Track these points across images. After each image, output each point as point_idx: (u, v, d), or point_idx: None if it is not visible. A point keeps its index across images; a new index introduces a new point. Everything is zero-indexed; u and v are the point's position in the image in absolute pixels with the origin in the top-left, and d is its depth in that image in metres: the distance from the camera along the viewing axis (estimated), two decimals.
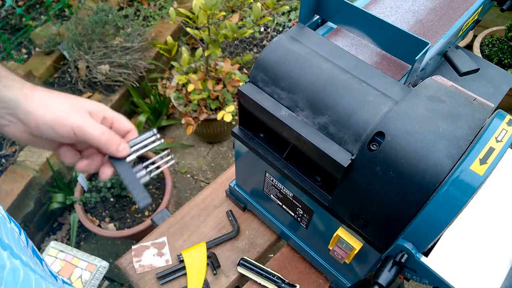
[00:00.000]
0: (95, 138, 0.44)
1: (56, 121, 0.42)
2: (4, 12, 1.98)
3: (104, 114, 0.47)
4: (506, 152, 0.41)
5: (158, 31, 2.08)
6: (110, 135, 0.45)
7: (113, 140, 0.46)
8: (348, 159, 0.47)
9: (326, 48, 0.54)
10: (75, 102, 0.45)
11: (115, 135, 0.46)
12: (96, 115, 0.46)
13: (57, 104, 0.43)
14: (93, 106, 0.47)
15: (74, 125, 0.43)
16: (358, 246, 0.56)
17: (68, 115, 0.43)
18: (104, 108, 0.48)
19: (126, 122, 0.50)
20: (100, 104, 0.48)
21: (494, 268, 0.44)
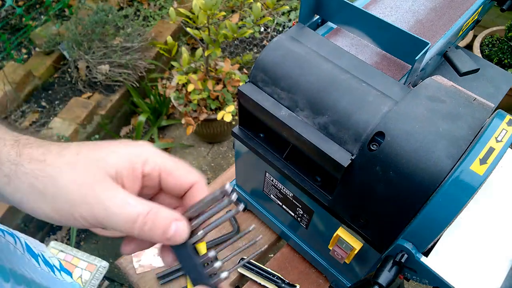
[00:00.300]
0: (122, 230, 0.28)
1: (60, 212, 0.28)
2: (4, 12, 1.98)
3: (144, 168, 0.30)
4: (506, 152, 0.41)
5: (158, 31, 2.08)
6: (146, 226, 0.28)
7: (155, 224, 0.28)
8: (348, 159, 0.47)
9: (326, 48, 0.54)
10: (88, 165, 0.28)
11: (157, 213, 0.29)
12: (128, 175, 0.29)
13: (54, 189, 0.27)
14: (121, 160, 0.29)
15: (86, 216, 0.28)
16: (358, 246, 0.56)
17: (74, 206, 0.27)
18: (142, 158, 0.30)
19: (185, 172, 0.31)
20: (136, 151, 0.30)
21: (494, 268, 0.44)
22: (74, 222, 0.28)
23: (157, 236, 0.29)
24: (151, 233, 0.28)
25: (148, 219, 0.28)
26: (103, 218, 0.27)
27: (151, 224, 0.28)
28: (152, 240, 0.29)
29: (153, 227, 0.28)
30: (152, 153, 0.30)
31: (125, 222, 0.28)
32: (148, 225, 0.28)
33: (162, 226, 0.29)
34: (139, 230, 0.28)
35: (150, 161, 0.30)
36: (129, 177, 0.29)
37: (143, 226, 0.28)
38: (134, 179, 0.30)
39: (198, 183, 0.32)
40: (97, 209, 0.27)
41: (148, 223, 0.28)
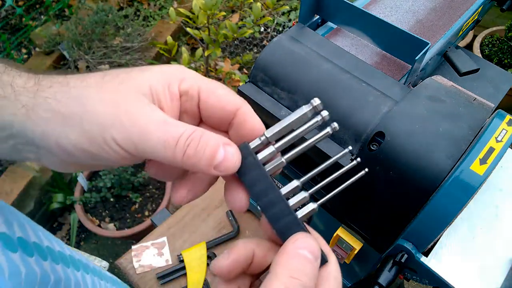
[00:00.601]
0: (163, 158, 0.24)
1: (88, 138, 0.24)
2: (4, 12, 1.98)
3: (182, 85, 0.26)
4: (506, 152, 0.41)
5: (158, 31, 2.08)
6: (189, 149, 0.24)
7: (201, 146, 0.24)
8: (348, 159, 0.47)
9: (326, 48, 0.54)
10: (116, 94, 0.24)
11: (203, 135, 0.24)
12: (165, 93, 0.25)
13: (82, 109, 0.24)
14: (155, 83, 0.25)
15: (119, 139, 0.24)
16: (358, 246, 0.56)
17: (105, 127, 0.23)
18: (179, 76, 0.26)
19: (227, 92, 0.26)
20: (170, 72, 0.26)
21: (494, 268, 0.44)
22: (107, 150, 0.24)
23: (204, 162, 0.24)
24: (196, 158, 0.24)
25: (193, 140, 0.24)
26: (138, 139, 0.23)
27: (196, 145, 0.24)
28: (196, 168, 0.24)
29: (199, 149, 0.24)
30: (189, 72, 0.26)
31: (164, 142, 0.23)
32: (192, 148, 0.23)
33: (209, 149, 0.24)
34: (182, 155, 0.23)
35: (187, 78, 0.26)
36: (165, 95, 0.25)
37: (186, 148, 0.23)
38: (172, 97, 0.25)
39: (243, 108, 0.26)
40: (131, 129, 0.23)
41: (192, 144, 0.23)
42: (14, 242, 0.31)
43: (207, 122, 0.28)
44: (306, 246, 0.25)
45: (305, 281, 0.23)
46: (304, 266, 0.24)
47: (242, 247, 0.27)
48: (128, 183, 1.51)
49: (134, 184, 1.53)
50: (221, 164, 0.24)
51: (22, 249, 0.32)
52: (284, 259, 0.24)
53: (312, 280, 0.24)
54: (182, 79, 0.26)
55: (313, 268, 0.24)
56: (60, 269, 0.38)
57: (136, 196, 1.51)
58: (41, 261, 0.34)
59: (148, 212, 1.53)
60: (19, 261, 0.30)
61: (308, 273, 0.24)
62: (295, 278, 0.23)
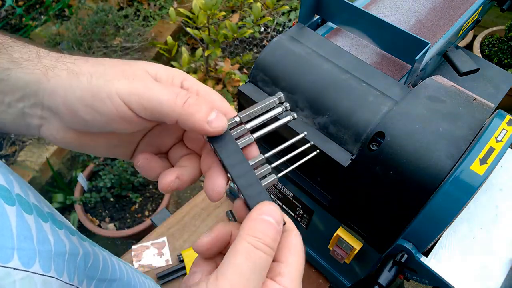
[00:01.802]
0: (164, 105, 0.27)
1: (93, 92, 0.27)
2: (4, 12, 1.98)
3: (184, 83, 0.30)
4: (506, 152, 0.41)
5: (158, 31, 2.08)
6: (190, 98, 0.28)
7: (196, 105, 0.28)
8: (348, 159, 0.47)
9: (326, 48, 0.54)
10: (126, 66, 0.29)
11: (198, 99, 0.28)
12: (167, 82, 0.30)
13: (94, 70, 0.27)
14: (161, 70, 0.30)
15: (123, 92, 0.27)
16: (358, 246, 0.56)
17: (111, 81, 0.27)
18: (182, 75, 0.31)
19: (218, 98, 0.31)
20: (175, 70, 0.31)
21: (494, 268, 0.44)
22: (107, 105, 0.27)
23: (199, 117, 0.27)
24: (194, 108, 0.27)
25: (190, 96, 0.28)
26: (142, 92, 0.27)
27: (194, 98, 0.28)
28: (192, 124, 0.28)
29: (197, 101, 0.28)
30: (190, 77, 0.31)
31: (167, 94, 0.27)
32: (191, 102, 0.27)
33: (205, 106, 0.28)
34: (182, 102, 0.27)
35: (188, 79, 0.31)
36: (168, 84, 0.29)
37: (186, 99, 0.27)
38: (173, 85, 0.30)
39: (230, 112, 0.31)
40: (136, 83, 0.27)
41: (190, 100, 0.27)
42: (45, 214, 0.33)
43: None
44: (269, 212, 0.28)
45: (268, 242, 0.26)
46: (267, 229, 0.27)
47: (222, 227, 0.30)
48: (128, 183, 1.51)
49: (134, 184, 1.53)
50: (214, 120, 0.28)
51: (52, 221, 0.34)
52: (250, 223, 0.27)
53: (274, 242, 0.27)
54: (184, 78, 0.31)
55: (275, 231, 0.27)
56: (88, 246, 0.40)
57: (136, 196, 1.51)
58: (69, 235, 0.37)
59: (148, 212, 1.53)
60: (49, 230, 0.32)
61: (270, 235, 0.27)
62: (258, 238, 0.26)
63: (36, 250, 0.29)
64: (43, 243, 0.30)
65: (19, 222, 0.28)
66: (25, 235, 0.29)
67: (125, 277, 0.49)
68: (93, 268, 0.40)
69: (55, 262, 0.32)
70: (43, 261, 0.30)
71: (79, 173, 1.53)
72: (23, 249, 0.28)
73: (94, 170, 1.57)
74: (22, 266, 0.27)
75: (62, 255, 0.33)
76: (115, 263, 0.48)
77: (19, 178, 0.33)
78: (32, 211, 0.31)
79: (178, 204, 1.73)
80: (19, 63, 0.27)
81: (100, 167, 1.54)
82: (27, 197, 0.31)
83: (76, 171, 1.64)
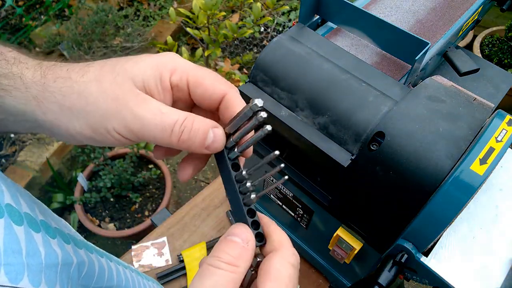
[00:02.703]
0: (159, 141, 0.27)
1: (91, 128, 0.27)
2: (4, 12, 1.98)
3: (172, 78, 0.28)
4: (506, 152, 0.41)
5: (158, 31, 2.08)
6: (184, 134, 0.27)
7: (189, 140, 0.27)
8: (348, 159, 0.47)
9: (326, 48, 0.54)
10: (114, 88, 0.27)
11: (195, 120, 0.27)
12: (157, 86, 0.28)
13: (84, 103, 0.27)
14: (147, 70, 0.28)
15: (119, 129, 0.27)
16: (358, 246, 0.56)
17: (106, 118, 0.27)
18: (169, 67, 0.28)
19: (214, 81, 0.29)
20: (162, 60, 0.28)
21: (494, 268, 0.44)
22: (109, 138, 0.27)
23: (197, 144, 0.27)
24: (190, 142, 0.27)
25: (186, 126, 0.27)
26: (137, 129, 0.27)
27: (189, 131, 0.27)
28: (190, 149, 0.28)
29: (191, 134, 0.27)
30: (180, 62, 0.29)
31: (161, 131, 0.27)
32: (186, 133, 0.27)
33: (200, 132, 0.27)
34: (178, 139, 0.27)
35: (178, 70, 0.28)
36: (158, 88, 0.28)
37: (181, 135, 0.27)
38: (164, 90, 0.28)
39: (228, 94, 0.29)
40: (130, 120, 0.26)
41: (186, 130, 0.27)
42: (37, 223, 0.33)
43: (199, 105, 0.31)
44: (235, 232, 0.27)
45: (228, 259, 0.26)
46: (228, 247, 0.26)
47: None
48: (128, 183, 1.51)
49: (134, 184, 1.53)
50: (211, 145, 0.28)
51: (45, 230, 0.34)
52: (215, 247, 0.27)
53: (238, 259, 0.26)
54: (173, 70, 0.28)
55: (239, 248, 0.26)
56: (84, 254, 0.40)
57: (136, 196, 1.51)
58: (63, 244, 0.36)
59: (148, 212, 1.53)
60: (40, 241, 0.32)
61: (231, 252, 0.26)
62: (218, 257, 0.26)
63: (25, 264, 0.28)
64: (33, 256, 0.30)
65: (7, 235, 0.28)
66: (13, 248, 0.28)
67: (123, 282, 0.48)
68: (88, 277, 0.40)
69: (46, 274, 0.31)
70: (33, 275, 0.29)
71: (79, 173, 1.53)
72: (10, 264, 0.27)
73: (94, 170, 1.57)
74: (9, 282, 0.27)
75: (54, 267, 0.33)
76: (113, 269, 0.47)
77: (12, 185, 0.32)
78: (22, 222, 0.30)
79: (178, 204, 1.73)
80: (8, 90, 0.27)
81: (100, 167, 1.54)
82: (18, 206, 0.31)
83: (76, 171, 1.64)
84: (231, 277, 0.25)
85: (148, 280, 0.62)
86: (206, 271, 0.25)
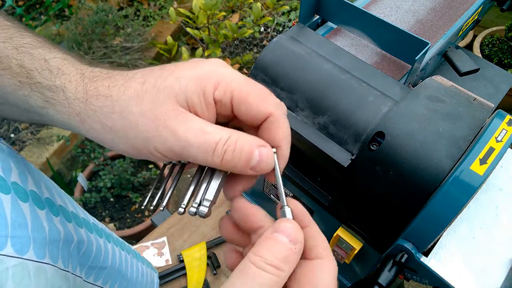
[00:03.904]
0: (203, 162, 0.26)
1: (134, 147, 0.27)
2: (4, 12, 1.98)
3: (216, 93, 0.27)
4: (506, 152, 0.41)
5: (158, 31, 2.08)
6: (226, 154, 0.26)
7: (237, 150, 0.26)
8: (348, 159, 0.47)
9: (326, 48, 0.54)
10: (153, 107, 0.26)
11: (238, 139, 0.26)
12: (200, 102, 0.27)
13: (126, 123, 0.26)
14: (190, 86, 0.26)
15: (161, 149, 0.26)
16: (358, 246, 0.56)
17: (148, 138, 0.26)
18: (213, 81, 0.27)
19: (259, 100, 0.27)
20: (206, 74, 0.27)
21: (494, 268, 0.44)
22: (153, 157, 0.27)
23: (241, 164, 0.26)
24: (233, 162, 0.26)
25: (229, 146, 0.26)
26: (180, 150, 0.26)
27: (232, 151, 0.26)
28: (235, 170, 0.27)
29: (235, 154, 0.26)
30: (224, 75, 0.27)
31: (204, 152, 0.25)
32: (230, 153, 0.26)
33: (245, 152, 0.26)
34: (221, 159, 0.26)
35: (222, 84, 0.27)
36: (201, 104, 0.27)
37: (224, 155, 0.26)
38: (207, 105, 0.27)
39: (272, 116, 0.27)
40: (172, 141, 0.25)
41: (229, 150, 0.26)
42: (42, 200, 0.34)
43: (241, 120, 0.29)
44: (283, 230, 0.25)
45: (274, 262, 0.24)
46: (275, 248, 0.24)
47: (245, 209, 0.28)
48: (128, 183, 1.51)
49: (134, 184, 1.53)
50: (257, 165, 0.26)
51: (49, 208, 0.35)
52: (260, 241, 0.25)
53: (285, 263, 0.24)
54: (217, 84, 0.27)
55: (287, 250, 0.24)
56: (83, 233, 0.41)
57: (136, 196, 1.51)
58: (65, 222, 0.37)
59: (148, 212, 1.53)
60: (44, 218, 0.33)
61: (277, 255, 0.24)
62: (263, 258, 0.24)
63: (31, 238, 0.30)
64: (37, 230, 0.31)
65: (13, 210, 0.29)
66: (20, 222, 0.29)
67: (116, 264, 0.50)
68: (85, 255, 0.41)
69: (49, 249, 0.32)
70: (37, 248, 0.30)
71: (79, 173, 1.53)
72: (17, 236, 0.28)
73: (94, 170, 1.57)
74: (15, 253, 0.28)
75: (57, 242, 0.34)
76: (109, 250, 0.48)
77: (20, 162, 0.33)
78: (28, 199, 0.32)
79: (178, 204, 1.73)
80: (52, 103, 0.27)
81: (100, 167, 1.54)
82: (24, 184, 0.32)
83: (76, 171, 1.64)
84: (275, 281, 0.24)
85: (143, 264, 0.63)
86: (249, 270, 0.24)
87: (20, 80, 0.27)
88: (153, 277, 0.68)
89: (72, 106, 0.27)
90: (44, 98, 0.27)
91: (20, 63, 0.27)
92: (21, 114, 0.30)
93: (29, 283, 0.28)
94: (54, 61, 0.28)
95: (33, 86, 0.27)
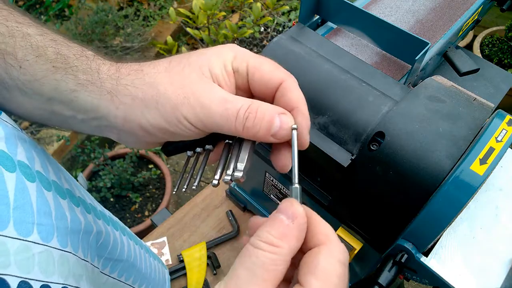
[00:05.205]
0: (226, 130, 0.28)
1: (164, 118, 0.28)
2: None
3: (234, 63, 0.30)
4: (506, 152, 0.41)
5: (158, 31, 2.08)
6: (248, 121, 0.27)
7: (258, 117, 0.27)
8: (348, 159, 0.47)
9: (326, 48, 0.54)
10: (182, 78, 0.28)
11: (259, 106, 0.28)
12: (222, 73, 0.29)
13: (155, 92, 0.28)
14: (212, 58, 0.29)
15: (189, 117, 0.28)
16: (358, 246, 0.56)
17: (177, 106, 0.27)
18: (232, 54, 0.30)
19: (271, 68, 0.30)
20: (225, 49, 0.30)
21: (494, 268, 0.44)
22: (181, 128, 0.28)
23: (263, 131, 0.27)
24: (255, 129, 0.27)
25: (250, 113, 0.27)
26: (205, 118, 0.27)
27: (253, 118, 0.27)
28: (257, 137, 0.28)
29: (256, 121, 0.27)
30: (239, 50, 0.30)
31: (226, 119, 0.27)
32: (251, 120, 0.27)
33: (266, 119, 0.27)
34: (242, 127, 0.27)
35: (238, 56, 0.30)
36: (223, 73, 0.29)
37: (245, 122, 0.27)
38: (228, 75, 0.29)
39: (285, 82, 0.29)
40: (198, 108, 0.27)
41: (251, 117, 0.27)
42: (63, 191, 0.35)
43: (256, 95, 0.31)
44: (282, 209, 0.25)
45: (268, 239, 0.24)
46: (270, 225, 0.25)
47: None
48: (128, 183, 1.51)
49: (134, 184, 1.53)
50: (278, 132, 0.28)
51: (70, 198, 0.36)
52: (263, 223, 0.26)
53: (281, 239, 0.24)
54: (234, 57, 0.30)
55: (282, 226, 0.24)
56: (102, 224, 0.42)
57: (136, 196, 1.51)
58: (85, 213, 0.38)
59: (148, 212, 1.53)
60: (66, 207, 0.34)
61: (272, 232, 0.24)
62: (258, 236, 0.24)
63: (55, 226, 0.30)
64: (61, 219, 0.32)
65: (39, 198, 0.29)
66: (45, 210, 0.30)
67: (131, 258, 0.50)
68: (103, 247, 0.42)
69: (71, 238, 0.33)
70: (61, 237, 0.31)
71: (79, 173, 1.53)
72: (42, 224, 0.29)
73: (94, 170, 1.57)
74: (41, 240, 0.28)
75: (78, 232, 0.34)
76: (124, 243, 0.49)
77: (42, 153, 0.34)
78: (51, 188, 0.32)
79: (178, 204, 1.73)
80: (85, 85, 0.28)
81: (100, 167, 1.54)
82: (47, 173, 0.32)
83: (76, 171, 1.64)
84: (270, 258, 0.23)
85: (155, 259, 0.63)
86: (245, 251, 0.24)
87: (54, 65, 0.28)
88: (164, 274, 0.68)
89: (104, 85, 0.28)
90: (77, 80, 0.28)
91: (57, 51, 0.29)
92: (39, 106, 0.29)
93: (53, 271, 0.29)
94: (90, 52, 0.30)
95: (69, 69, 0.28)
